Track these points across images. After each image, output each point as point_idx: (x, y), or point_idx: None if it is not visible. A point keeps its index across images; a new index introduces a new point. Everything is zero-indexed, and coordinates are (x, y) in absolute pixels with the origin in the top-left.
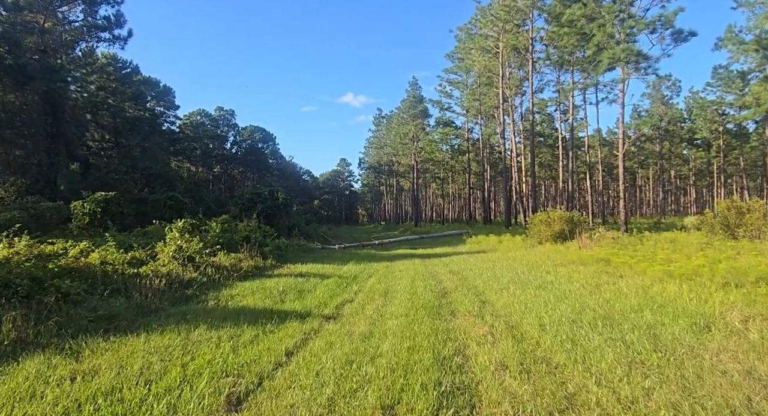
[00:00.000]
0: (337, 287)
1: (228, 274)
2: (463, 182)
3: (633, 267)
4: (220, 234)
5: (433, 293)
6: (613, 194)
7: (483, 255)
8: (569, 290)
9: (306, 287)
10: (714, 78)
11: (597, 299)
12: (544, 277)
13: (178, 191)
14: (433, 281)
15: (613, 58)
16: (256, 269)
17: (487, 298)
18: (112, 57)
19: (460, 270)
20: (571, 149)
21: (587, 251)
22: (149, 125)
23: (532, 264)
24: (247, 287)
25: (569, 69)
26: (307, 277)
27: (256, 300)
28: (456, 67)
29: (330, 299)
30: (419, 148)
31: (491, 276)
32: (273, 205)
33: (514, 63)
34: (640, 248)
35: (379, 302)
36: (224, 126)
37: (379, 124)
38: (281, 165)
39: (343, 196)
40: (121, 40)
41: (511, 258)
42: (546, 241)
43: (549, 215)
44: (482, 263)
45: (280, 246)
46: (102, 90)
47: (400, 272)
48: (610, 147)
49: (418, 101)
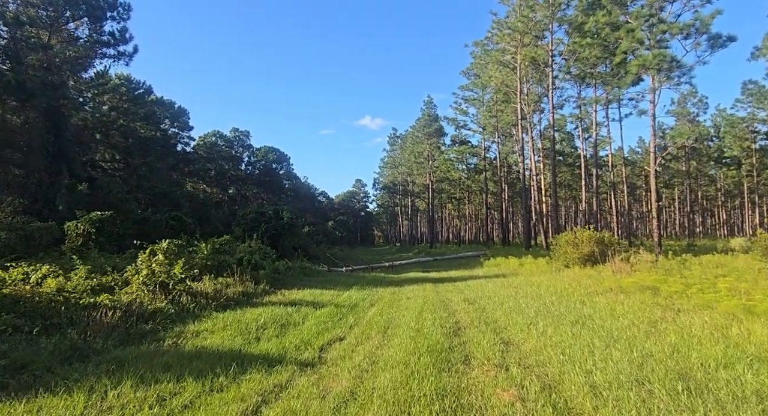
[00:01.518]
0: (330, 319)
1: (206, 303)
2: (479, 202)
3: (691, 298)
4: (210, 256)
5: (443, 330)
6: (636, 215)
7: (503, 280)
8: (616, 328)
9: (293, 320)
10: (744, 94)
11: (660, 344)
12: (579, 309)
13: (183, 211)
14: (444, 313)
15: (642, 66)
16: (243, 296)
17: (510, 338)
18: (126, 78)
19: (476, 298)
20: (594, 167)
21: (625, 276)
22: (161, 145)
23: (561, 292)
24: (221, 319)
25: (591, 83)
26: (298, 306)
27: (224, 338)
28: (472, 84)
29: (316, 336)
30: (434, 167)
31: (514, 307)
32: (278, 225)
33: (532, 78)
34: (689, 275)
35: (375, 341)
36: (239, 147)
37: (394, 143)
38: (296, 186)
39: (358, 217)
40: (126, 57)
41: (536, 284)
42: (573, 264)
43: (576, 236)
44: (502, 290)
45: (279, 269)
46: (114, 110)
47: (408, 301)
48: (632, 167)
49: (433, 120)
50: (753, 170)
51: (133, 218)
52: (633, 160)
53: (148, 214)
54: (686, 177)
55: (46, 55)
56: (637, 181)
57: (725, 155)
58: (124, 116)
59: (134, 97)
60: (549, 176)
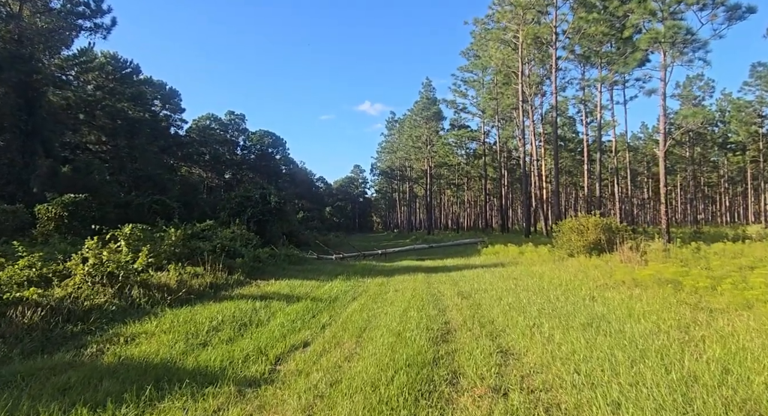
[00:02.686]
0: (302, 317)
1: (162, 297)
2: (478, 188)
3: (722, 295)
4: (179, 243)
5: (430, 334)
6: (637, 202)
7: (501, 270)
8: (640, 334)
9: (257, 318)
10: (753, 77)
11: (702, 360)
12: (590, 307)
13: (170, 195)
14: (433, 311)
15: (654, 41)
16: (210, 288)
17: (510, 345)
18: (112, 56)
19: (471, 292)
20: (598, 151)
21: (637, 267)
22: (151, 127)
23: (566, 285)
24: (170, 318)
25: (596, 63)
26: (270, 300)
27: (163, 344)
28: (471, 64)
29: (278, 341)
30: (433, 152)
31: (514, 303)
32: (265, 209)
33: (535, 58)
34: (710, 265)
35: (346, 348)
36: (234, 131)
37: (392, 128)
38: (292, 171)
39: (356, 203)
40: (103, 29)
41: (537, 275)
42: (578, 253)
43: (581, 222)
44: (501, 282)
45: (260, 257)
46: (99, 90)
47: (395, 294)
48: (634, 152)
49: (431, 103)
50: (759, 155)
51: (115, 202)
52: (635, 146)
53: (131, 198)
54: (690, 163)
55: (17, 27)
56: (638, 167)
57: (730, 141)
58: (110, 96)
59: (121, 77)
60: (549, 161)
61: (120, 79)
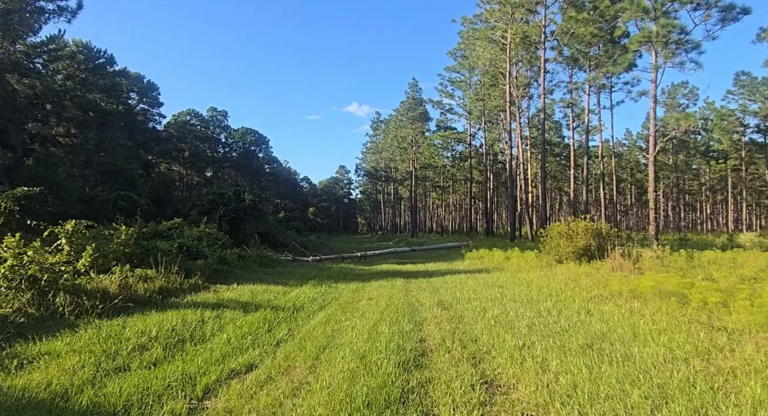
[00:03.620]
0: (255, 331)
1: (94, 305)
2: (464, 191)
3: (738, 313)
4: (132, 242)
5: (400, 357)
6: (620, 208)
7: (486, 277)
8: (652, 361)
9: (200, 333)
10: (736, 85)
11: (745, 405)
12: (586, 323)
13: (140, 192)
14: (408, 325)
15: (647, 40)
16: (159, 294)
17: (496, 375)
18: (84, 45)
19: (453, 301)
20: (585, 155)
21: (631, 276)
22: (125, 121)
23: (557, 295)
24: (93, 333)
25: (584, 66)
26: (223, 309)
27: (65, 369)
28: (459, 65)
29: (217, 363)
30: (418, 153)
31: (500, 317)
32: (238, 208)
33: (523, 58)
34: (711, 276)
35: (296, 376)
36: (216, 127)
37: (377, 128)
38: (276, 170)
39: (341, 204)
40: (68, 13)
41: (525, 283)
42: (567, 259)
43: (570, 227)
44: (486, 290)
45: (227, 259)
46: (69, 80)
47: (368, 303)
48: (618, 159)
49: (418, 103)
50: (741, 164)
51: (78, 197)
52: (618, 152)
53: (95, 193)
54: (673, 170)
55: None
56: (621, 173)
57: (712, 149)
58: (82, 87)
59: (94, 67)
60: (535, 165)
61: (92, 70)
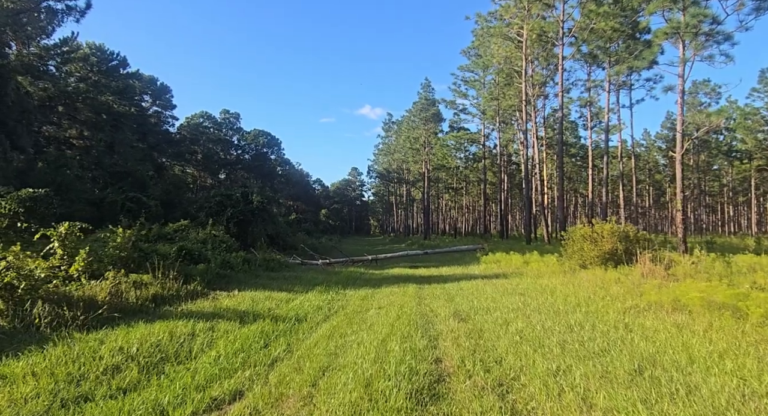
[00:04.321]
0: (249, 347)
1: (76, 315)
2: (477, 193)
3: None
4: (129, 246)
5: (413, 386)
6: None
7: (505, 283)
8: (726, 399)
9: (187, 349)
10: (761, 83)
11: None
12: (627, 341)
13: (150, 193)
14: (422, 340)
15: (674, 31)
16: (152, 302)
17: (530, 413)
18: (98, 47)
19: (471, 311)
20: (605, 154)
21: (672, 284)
22: (138, 123)
23: (587, 305)
24: (63, 350)
25: (604, 63)
26: (218, 320)
27: (15, 399)
28: (473, 63)
29: (198, 389)
30: (431, 154)
31: (526, 332)
32: (246, 209)
33: (539, 56)
34: (758, 283)
35: (287, 410)
36: (228, 130)
37: (389, 129)
38: (288, 172)
39: (353, 206)
40: (76, 12)
41: (548, 290)
42: (591, 264)
43: (595, 229)
44: (506, 298)
45: (231, 263)
46: (82, 82)
47: (377, 313)
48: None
49: (430, 104)
50: (766, 164)
51: (86, 199)
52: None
53: (104, 194)
54: (695, 170)
55: None
56: (639, 175)
57: (735, 148)
58: (94, 89)
59: (107, 69)
60: (551, 166)
61: (105, 72)
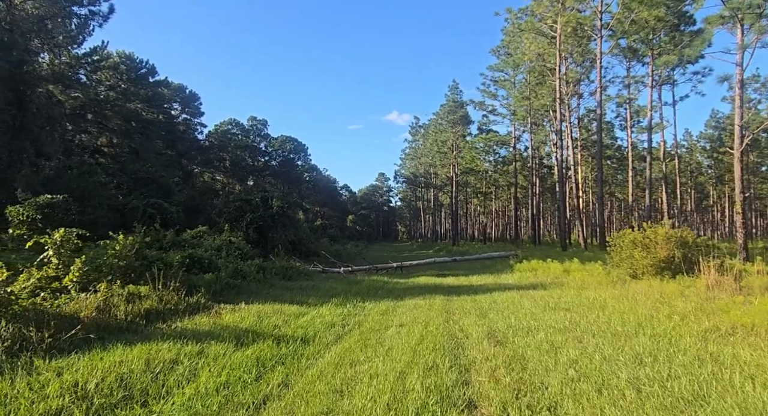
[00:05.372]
0: (237, 380)
1: (41, 338)
2: (506, 198)
3: None
4: (132, 254)
5: None
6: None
7: (544, 295)
8: None
9: (158, 385)
10: None
11: None
12: (725, 381)
13: (174, 200)
14: (450, 374)
15: (736, 10)
16: (143, 318)
17: None
18: (128, 56)
19: (508, 332)
20: (648, 154)
21: (757, 300)
22: (166, 130)
23: (651, 325)
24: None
25: (646, 57)
26: (211, 342)
27: None
28: (503, 63)
29: None
30: (459, 158)
31: (583, 364)
32: (266, 214)
33: (574, 51)
34: None
35: None
36: (255, 136)
37: (416, 133)
38: (315, 178)
39: (380, 212)
40: (99, 17)
41: (598, 305)
42: (644, 273)
43: (647, 235)
44: (548, 315)
45: (243, 271)
46: (112, 90)
47: (398, 332)
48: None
49: (458, 106)
50: None
51: (108, 205)
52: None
53: (127, 201)
54: (745, 171)
55: (8, 14)
56: (681, 177)
57: None
58: (123, 97)
59: (136, 77)
60: (585, 169)
61: (135, 80)
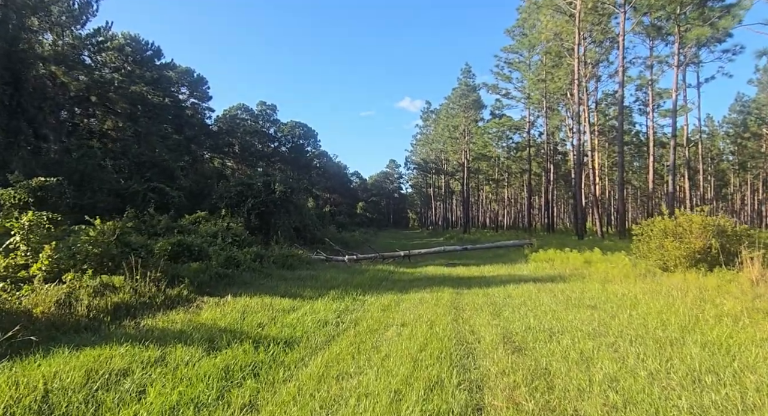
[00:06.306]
0: (191, 401)
1: None
2: (519, 185)
3: None
4: (112, 240)
5: None
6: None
7: (565, 288)
8: None
9: (90, 411)
10: None
11: None
12: None
13: (178, 184)
14: (457, 396)
15: None
16: (108, 314)
17: None
18: (132, 37)
19: (527, 336)
20: (672, 138)
21: None
22: (173, 115)
23: (701, 331)
24: None
25: (671, 36)
26: (177, 345)
27: None
28: (518, 44)
29: None
30: (470, 143)
31: (625, 381)
32: (268, 199)
33: (592, 32)
34: None
35: None
36: (265, 122)
37: (428, 119)
38: (325, 164)
39: (391, 198)
40: None
41: (628, 302)
42: (677, 265)
43: (680, 223)
44: (572, 314)
45: (237, 259)
46: (116, 72)
47: (400, 333)
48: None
49: (470, 90)
50: None
51: (108, 189)
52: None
53: (127, 185)
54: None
55: None
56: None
57: None
58: (128, 79)
59: (141, 59)
60: (602, 156)
61: (140, 62)
